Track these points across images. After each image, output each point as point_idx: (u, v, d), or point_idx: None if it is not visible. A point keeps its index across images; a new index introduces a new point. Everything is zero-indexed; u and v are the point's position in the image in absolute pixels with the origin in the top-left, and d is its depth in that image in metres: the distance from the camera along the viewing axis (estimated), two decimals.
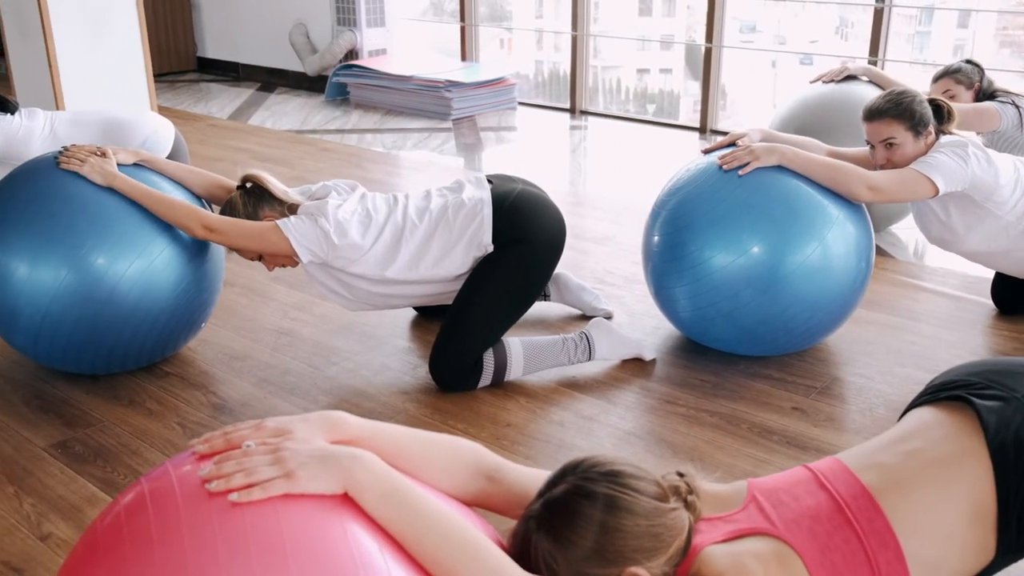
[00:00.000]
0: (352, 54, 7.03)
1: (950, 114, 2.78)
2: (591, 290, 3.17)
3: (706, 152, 2.81)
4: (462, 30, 6.98)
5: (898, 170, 2.67)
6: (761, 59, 7.56)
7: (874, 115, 2.74)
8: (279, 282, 3.45)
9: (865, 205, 2.78)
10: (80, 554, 1.16)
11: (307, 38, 7.27)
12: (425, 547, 1.14)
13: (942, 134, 2.77)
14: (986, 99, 3.58)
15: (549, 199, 2.75)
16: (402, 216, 2.60)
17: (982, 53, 6.55)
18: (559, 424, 2.50)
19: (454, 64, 6.72)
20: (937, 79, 3.65)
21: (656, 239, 2.76)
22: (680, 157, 4.05)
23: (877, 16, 5.20)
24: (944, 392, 1.53)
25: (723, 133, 5.64)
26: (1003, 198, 2.72)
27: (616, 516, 1.24)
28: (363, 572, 1.08)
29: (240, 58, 7.91)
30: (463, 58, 6.99)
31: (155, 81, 5.51)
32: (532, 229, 2.62)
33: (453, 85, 6.25)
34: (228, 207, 2.59)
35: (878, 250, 3.65)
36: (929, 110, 2.73)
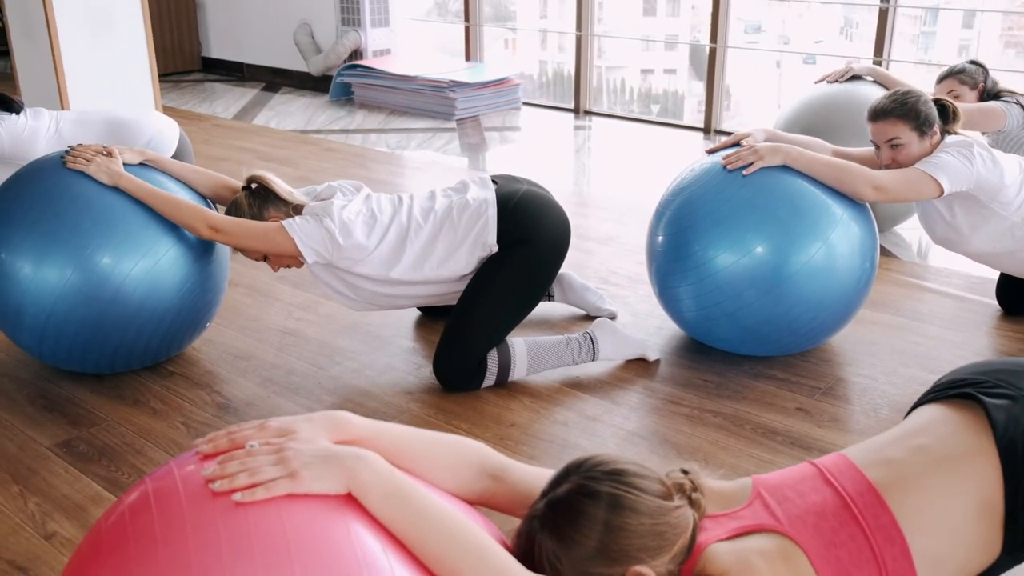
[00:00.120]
0: (356, 54, 7.03)
1: (955, 114, 2.77)
2: (595, 290, 3.17)
3: (710, 152, 2.81)
4: (466, 30, 6.98)
5: (903, 170, 2.67)
6: (765, 59, 7.55)
7: (879, 115, 2.73)
8: (284, 282, 3.46)
9: (869, 205, 2.77)
10: (84, 553, 1.16)
11: (311, 38, 7.27)
12: (428, 547, 1.14)
13: (947, 134, 2.76)
14: (990, 99, 3.57)
15: (553, 199, 2.75)
16: (407, 217, 2.60)
17: (987, 53, 6.54)
18: (563, 424, 2.50)
19: (458, 64, 6.72)
20: (941, 80, 3.64)
21: (660, 239, 2.76)
22: (684, 157, 4.06)
23: (882, 16, 5.19)
24: (952, 390, 1.53)
25: (727, 133, 5.64)
26: (1008, 198, 2.72)
27: (620, 515, 1.24)
28: (367, 572, 1.09)
29: (244, 58, 7.92)
30: (467, 58, 7.00)
31: (160, 81, 5.52)
32: (536, 229, 2.62)
33: (457, 85, 6.25)
34: (233, 207, 2.60)
35: (882, 250, 3.64)
36: (934, 110, 2.73)
